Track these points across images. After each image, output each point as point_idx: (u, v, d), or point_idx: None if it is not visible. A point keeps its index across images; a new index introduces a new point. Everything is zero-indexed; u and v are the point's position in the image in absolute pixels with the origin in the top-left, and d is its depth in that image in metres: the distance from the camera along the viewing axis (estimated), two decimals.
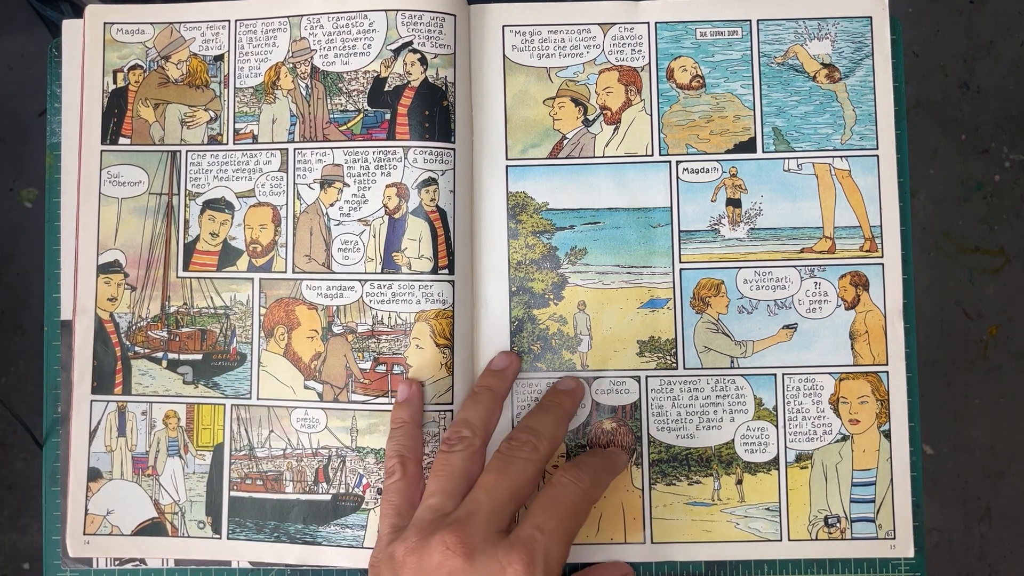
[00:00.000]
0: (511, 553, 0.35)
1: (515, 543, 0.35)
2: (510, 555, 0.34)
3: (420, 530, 0.36)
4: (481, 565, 0.34)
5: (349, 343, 0.43)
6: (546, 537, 0.35)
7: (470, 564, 0.34)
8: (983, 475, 1.17)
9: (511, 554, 0.34)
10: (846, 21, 0.45)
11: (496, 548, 0.35)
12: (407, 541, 0.36)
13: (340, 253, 0.44)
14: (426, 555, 0.35)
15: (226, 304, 0.45)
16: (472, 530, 0.35)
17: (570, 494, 0.37)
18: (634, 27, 0.45)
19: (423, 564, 0.35)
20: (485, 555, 0.35)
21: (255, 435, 0.44)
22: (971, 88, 1.21)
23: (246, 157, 0.45)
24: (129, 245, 0.45)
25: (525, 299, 0.44)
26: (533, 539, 0.35)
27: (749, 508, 0.43)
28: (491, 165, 0.45)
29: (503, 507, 0.37)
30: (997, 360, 1.18)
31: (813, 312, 0.44)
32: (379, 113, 0.44)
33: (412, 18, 0.44)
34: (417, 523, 0.37)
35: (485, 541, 0.35)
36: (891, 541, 0.43)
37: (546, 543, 0.35)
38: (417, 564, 0.35)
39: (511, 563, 0.34)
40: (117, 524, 0.44)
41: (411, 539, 0.36)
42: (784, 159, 0.44)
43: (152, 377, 0.45)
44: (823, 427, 0.44)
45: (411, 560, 0.35)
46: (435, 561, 0.35)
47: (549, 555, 0.35)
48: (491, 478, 0.38)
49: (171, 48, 0.46)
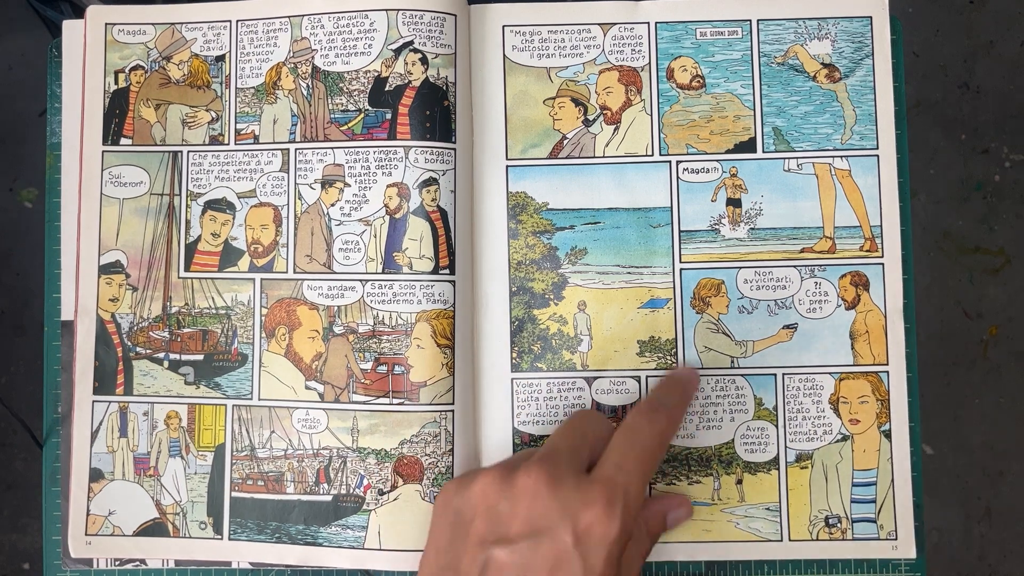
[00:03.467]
0: (592, 491, 0.35)
1: (596, 481, 0.36)
2: (591, 492, 0.35)
3: (509, 460, 0.37)
4: (563, 496, 0.35)
5: (350, 343, 0.43)
6: (626, 477, 0.36)
7: (552, 493, 0.35)
8: (983, 475, 1.17)
9: (592, 491, 0.35)
10: (846, 21, 0.45)
11: (579, 484, 0.35)
12: (492, 468, 0.37)
13: (341, 253, 0.44)
14: (508, 480, 0.36)
15: (227, 304, 0.45)
16: (558, 462, 0.36)
17: (648, 435, 0.38)
18: (634, 27, 0.45)
19: (503, 486, 0.36)
20: (567, 488, 0.35)
21: (256, 436, 0.44)
22: (971, 88, 1.21)
23: (247, 157, 0.45)
24: (130, 246, 0.45)
25: (525, 299, 0.44)
26: (614, 479, 0.36)
27: (749, 508, 0.43)
28: (491, 165, 0.45)
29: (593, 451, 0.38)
30: (997, 360, 1.18)
31: (813, 312, 0.44)
32: (380, 113, 0.44)
33: (413, 18, 0.44)
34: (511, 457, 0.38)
35: (568, 475, 0.36)
36: (892, 542, 0.43)
37: (626, 483, 0.36)
38: (498, 487, 0.36)
39: (593, 501, 0.35)
40: (119, 524, 0.44)
41: (497, 466, 0.37)
42: (784, 159, 0.45)
43: (153, 378, 0.45)
44: (823, 427, 0.44)
45: (492, 483, 0.36)
46: (518, 485, 0.35)
47: (628, 494, 0.36)
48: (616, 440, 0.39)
49: (172, 49, 0.46)
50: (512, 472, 0.36)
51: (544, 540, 0.34)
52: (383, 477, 0.43)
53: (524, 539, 0.34)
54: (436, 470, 0.42)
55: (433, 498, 0.42)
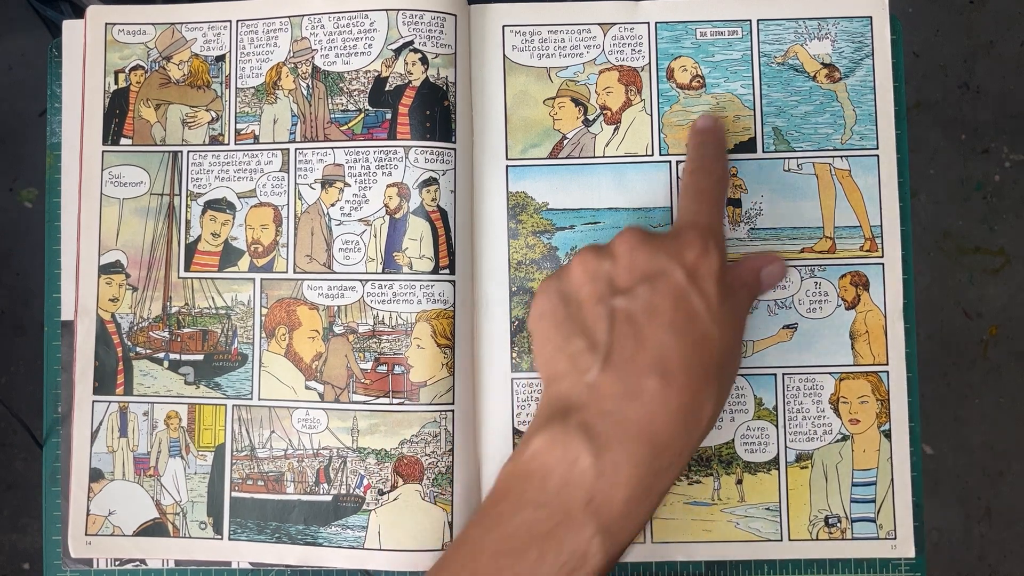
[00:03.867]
0: (683, 236, 0.37)
1: (683, 229, 0.37)
2: (684, 237, 0.37)
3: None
4: (660, 246, 0.36)
5: (350, 343, 0.43)
6: (706, 218, 0.38)
7: (650, 245, 0.36)
8: (983, 475, 1.17)
9: (684, 236, 0.37)
10: (846, 21, 0.45)
11: (668, 235, 0.37)
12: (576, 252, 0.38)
13: (341, 253, 0.44)
14: (602, 249, 0.37)
15: (227, 304, 0.45)
16: (641, 227, 0.38)
17: (706, 183, 0.40)
18: (634, 27, 0.45)
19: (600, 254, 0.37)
20: (661, 239, 0.37)
21: (256, 436, 0.44)
22: (971, 88, 1.21)
23: (247, 157, 0.45)
24: (130, 246, 0.45)
25: (525, 299, 0.44)
26: (697, 223, 0.38)
27: (749, 508, 0.43)
28: (491, 165, 0.45)
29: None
30: (997, 360, 1.18)
31: (813, 312, 0.44)
32: (380, 113, 0.44)
33: (413, 18, 0.44)
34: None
35: (655, 233, 0.37)
36: (892, 541, 0.43)
37: (708, 223, 0.38)
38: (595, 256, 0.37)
39: (689, 242, 0.36)
40: (119, 524, 0.44)
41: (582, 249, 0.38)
42: (784, 159, 0.45)
43: (154, 378, 0.45)
44: (823, 427, 0.44)
45: (587, 256, 0.37)
46: (614, 249, 0.37)
47: (715, 232, 0.37)
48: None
49: (172, 49, 0.46)
50: (600, 245, 0.38)
51: (659, 281, 0.35)
52: (383, 477, 0.43)
53: (640, 285, 0.36)
54: (436, 470, 0.42)
55: (434, 499, 0.42)
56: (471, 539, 0.35)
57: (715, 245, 0.37)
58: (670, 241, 0.37)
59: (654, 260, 0.36)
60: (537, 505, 0.33)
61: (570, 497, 0.33)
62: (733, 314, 0.37)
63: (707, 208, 0.39)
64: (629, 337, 0.35)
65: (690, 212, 0.39)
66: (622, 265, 0.36)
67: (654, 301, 0.35)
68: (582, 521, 0.33)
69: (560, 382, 0.36)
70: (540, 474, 0.34)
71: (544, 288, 0.38)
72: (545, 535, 0.33)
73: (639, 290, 0.35)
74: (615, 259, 0.37)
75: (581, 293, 0.37)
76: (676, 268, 0.36)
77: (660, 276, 0.36)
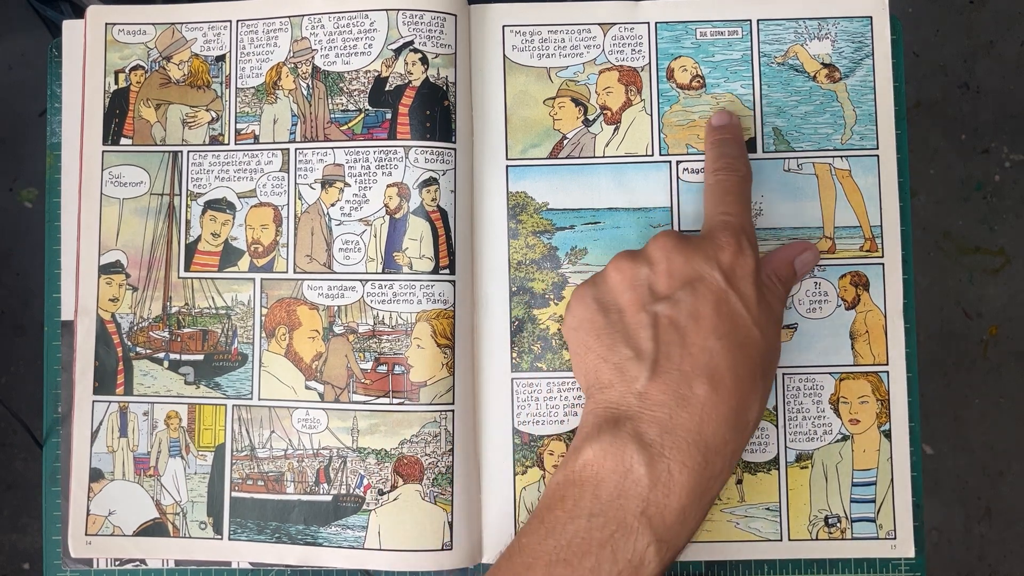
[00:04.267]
0: (716, 238, 0.38)
1: (714, 230, 0.38)
2: (717, 239, 0.37)
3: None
4: (695, 249, 0.37)
5: (350, 343, 0.43)
6: (736, 218, 0.39)
7: (685, 250, 0.37)
8: (983, 475, 1.17)
9: (716, 238, 0.38)
10: (846, 21, 0.45)
11: (702, 238, 0.38)
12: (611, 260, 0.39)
13: (341, 253, 0.44)
14: (637, 255, 0.38)
15: (227, 304, 0.45)
16: (674, 232, 0.39)
17: (729, 181, 0.40)
18: (634, 27, 0.45)
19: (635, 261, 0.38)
20: (695, 243, 0.38)
21: (256, 436, 0.44)
22: (971, 88, 1.21)
23: (247, 157, 0.45)
24: (130, 246, 0.45)
25: (525, 299, 0.44)
26: (728, 223, 0.38)
27: (749, 508, 0.43)
28: (491, 165, 0.45)
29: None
30: (997, 360, 1.18)
31: (813, 312, 0.44)
32: (380, 113, 0.44)
33: (413, 18, 0.44)
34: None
35: (688, 236, 0.38)
36: (891, 541, 0.43)
37: (739, 222, 0.38)
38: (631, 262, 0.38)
39: (723, 244, 0.37)
40: (119, 524, 0.44)
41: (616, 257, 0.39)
42: (784, 159, 0.45)
43: (154, 377, 0.45)
44: (823, 427, 0.44)
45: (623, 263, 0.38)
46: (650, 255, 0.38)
47: (746, 231, 0.38)
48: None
49: (173, 49, 0.46)
50: (635, 251, 0.38)
51: (699, 285, 0.36)
52: (383, 477, 0.43)
53: (680, 290, 0.36)
54: (436, 470, 0.42)
55: (434, 499, 0.42)
56: (525, 548, 0.35)
57: (749, 244, 0.37)
58: (705, 244, 0.37)
59: (691, 263, 0.36)
60: (592, 514, 0.34)
61: (625, 506, 0.33)
62: (771, 311, 0.38)
63: (736, 207, 0.39)
64: (675, 344, 0.35)
65: (719, 212, 0.39)
66: (660, 270, 0.37)
67: (696, 306, 0.36)
68: (637, 530, 0.33)
69: (607, 391, 0.36)
70: (593, 483, 0.34)
71: (580, 296, 0.39)
72: (600, 544, 0.33)
73: (680, 295, 0.36)
74: (652, 264, 0.37)
75: (621, 300, 0.37)
76: (714, 271, 0.36)
77: (699, 280, 0.36)
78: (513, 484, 0.44)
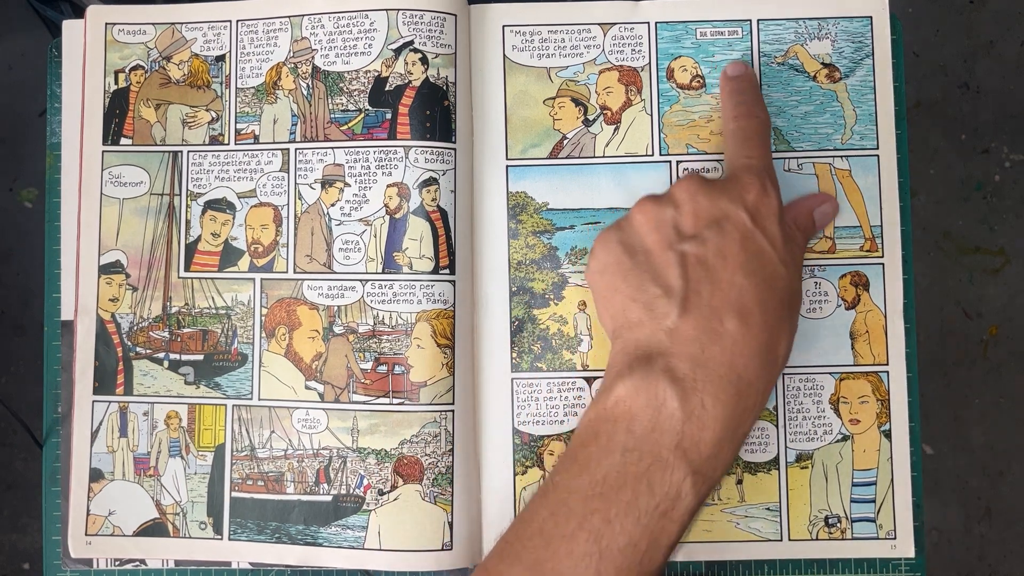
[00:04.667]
0: (740, 179, 0.38)
1: (738, 172, 0.38)
2: (741, 181, 0.38)
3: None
4: (720, 191, 0.37)
5: (350, 343, 0.43)
6: (759, 161, 0.39)
7: (710, 191, 0.37)
8: (983, 475, 1.17)
9: (741, 180, 0.38)
10: (846, 21, 0.45)
11: (726, 180, 0.38)
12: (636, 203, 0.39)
13: (341, 253, 0.44)
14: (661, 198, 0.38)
15: (227, 304, 0.45)
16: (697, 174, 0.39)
17: (749, 125, 0.41)
18: (634, 27, 0.45)
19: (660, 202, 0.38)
20: (719, 185, 0.38)
21: (256, 436, 0.44)
22: (971, 88, 1.21)
23: (247, 157, 0.45)
24: (130, 246, 0.45)
25: (525, 299, 0.44)
26: (751, 165, 0.39)
27: (749, 508, 0.43)
28: (491, 165, 0.45)
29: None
30: (997, 360, 1.18)
31: (813, 312, 0.44)
32: (380, 113, 0.44)
33: (413, 18, 0.44)
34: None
35: (712, 179, 0.38)
36: (891, 541, 0.43)
37: (761, 165, 0.39)
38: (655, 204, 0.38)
39: (747, 185, 0.37)
40: (119, 525, 0.44)
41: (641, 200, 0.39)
42: (784, 159, 0.45)
43: (154, 377, 0.45)
44: (823, 427, 0.44)
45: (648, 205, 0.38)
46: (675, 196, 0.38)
47: (769, 173, 0.39)
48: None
49: (173, 48, 0.46)
50: (659, 194, 0.39)
51: (725, 224, 0.36)
52: (383, 477, 0.43)
53: (706, 229, 0.36)
54: (436, 470, 0.42)
55: (434, 499, 0.42)
56: (560, 485, 0.35)
57: (772, 185, 0.38)
58: (730, 185, 0.37)
59: (717, 204, 0.37)
60: (626, 449, 0.34)
61: (659, 440, 0.34)
62: (793, 253, 0.38)
63: (758, 151, 0.39)
64: (703, 281, 0.36)
65: (742, 156, 0.39)
66: (686, 211, 0.37)
67: (723, 244, 0.36)
68: (673, 463, 0.33)
69: (636, 330, 0.36)
70: (627, 419, 0.34)
71: (604, 240, 0.39)
72: (637, 477, 0.33)
73: (707, 234, 0.36)
74: (677, 206, 0.37)
75: (647, 241, 0.37)
76: (739, 210, 0.36)
77: (725, 219, 0.36)
78: (513, 484, 0.44)
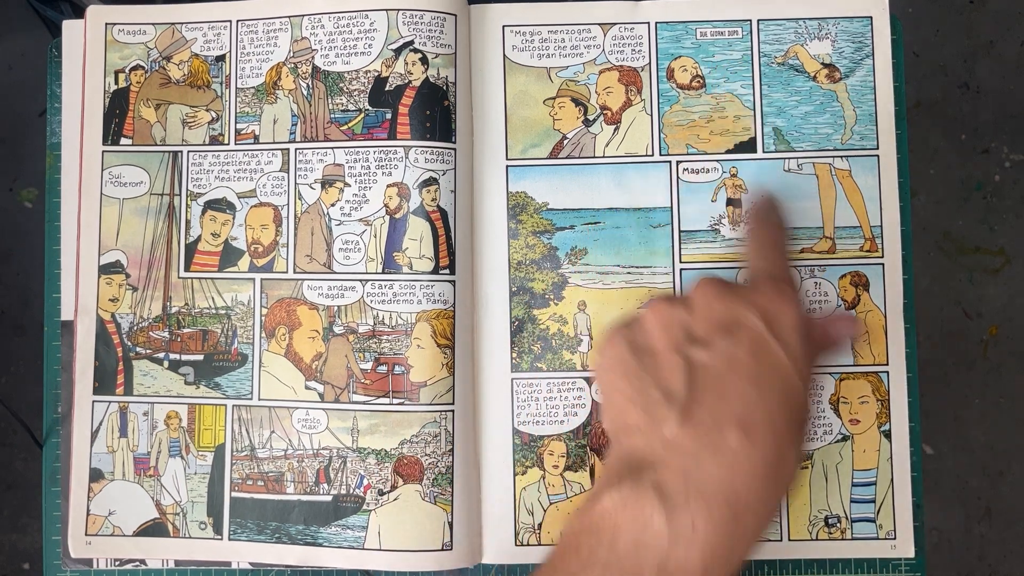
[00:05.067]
0: (759, 287, 0.35)
1: (757, 280, 0.36)
2: (759, 288, 0.35)
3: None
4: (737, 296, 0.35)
5: (350, 343, 0.43)
6: (779, 271, 0.38)
7: (726, 296, 0.35)
8: (983, 475, 1.17)
9: (759, 288, 0.35)
10: (846, 21, 0.45)
11: (744, 286, 0.36)
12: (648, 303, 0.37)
13: (341, 253, 0.44)
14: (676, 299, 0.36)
15: (227, 304, 0.45)
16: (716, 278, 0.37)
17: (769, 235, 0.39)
18: (634, 27, 0.45)
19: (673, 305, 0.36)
20: (737, 291, 0.35)
21: (256, 436, 0.44)
22: (971, 88, 1.21)
23: (247, 157, 0.45)
24: (130, 246, 0.45)
25: (525, 299, 0.44)
26: (770, 273, 0.37)
27: None
28: (491, 165, 0.45)
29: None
30: (997, 360, 1.18)
31: (813, 312, 0.44)
32: (380, 113, 0.44)
33: (413, 18, 0.44)
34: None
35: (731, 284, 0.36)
36: (891, 541, 0.43)
37: (780, 274, 0.38)
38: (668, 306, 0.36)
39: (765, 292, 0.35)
40: (119, 525, 0.44)
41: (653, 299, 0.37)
42: (784, 159, 0.45)
43: (154, 378, 0.45)
44: (823, 427, 0.44)
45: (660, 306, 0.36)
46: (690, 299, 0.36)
47: (788, 282, 0.37)
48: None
49: (173, 48, 0.46)
50: (674, 295, 0.38)
51: (739, 331, 0.34)
52: (383, 477, 0.43)
53: (718, 335, 0.34)
54: (436, 470, 0.42)
55: (434, 499, 0.42)
56: None
57: (791, 295, 0.35)
58: (747, 291, 0.35)
59: (732, 309, 0.35)
60: (606, 565, 0.32)
61: (641, 560, 0.31)
62: (809, 368, 0.36)
63: (774, 258, 0.38)
64: (708, 390, 0.33)
65: (759, 264, 0.38)
66: (699, 315, 0.35)
67: (734, 352, 0.34)
68: None
69: (633, 435, 0.34)
70: (610, 533, 0.32)
71: (612, 337, 0.37)
72: None
73: (717, 340, 0.34)
74: (691, 308, 0.35)
75: (654, 342, 0.35)
76: (754, 317, 0.34)
77: (738, 326, 0.34)
78: (513, 484, 0.44)
